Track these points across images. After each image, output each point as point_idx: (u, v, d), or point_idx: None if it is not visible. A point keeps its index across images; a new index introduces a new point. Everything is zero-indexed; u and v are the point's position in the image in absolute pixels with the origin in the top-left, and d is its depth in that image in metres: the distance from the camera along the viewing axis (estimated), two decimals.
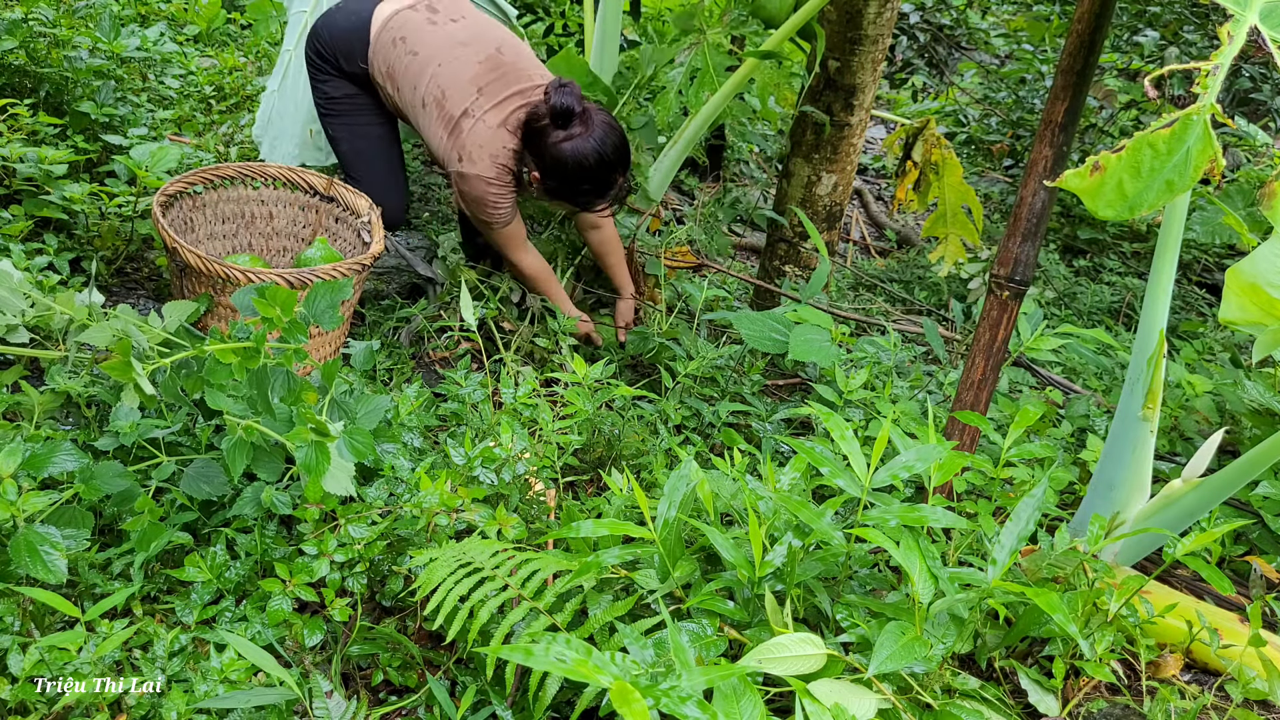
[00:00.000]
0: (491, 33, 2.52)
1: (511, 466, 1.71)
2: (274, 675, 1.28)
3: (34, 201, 2.52)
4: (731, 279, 3.57)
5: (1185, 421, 2.30)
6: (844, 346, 2.37)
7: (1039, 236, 1.63)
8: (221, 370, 1.49)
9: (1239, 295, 1.29)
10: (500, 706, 1.41)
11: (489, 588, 1.37)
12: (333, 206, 2.61)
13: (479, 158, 2.37)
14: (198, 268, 2.10)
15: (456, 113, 2.38)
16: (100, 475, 1.49)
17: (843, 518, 1.69)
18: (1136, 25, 4.70)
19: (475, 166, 2.37)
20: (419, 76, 2.43)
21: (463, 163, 2.38)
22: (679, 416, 2.22)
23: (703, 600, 1.33)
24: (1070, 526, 1.83)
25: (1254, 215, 3.50)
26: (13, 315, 1.86)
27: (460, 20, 2.52)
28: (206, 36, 4.55)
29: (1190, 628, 1.57)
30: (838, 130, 3.05)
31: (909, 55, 5.46)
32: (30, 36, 2.98)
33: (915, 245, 4.68)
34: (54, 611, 1.46)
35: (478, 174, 2.37)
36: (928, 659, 1.22)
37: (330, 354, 2.36)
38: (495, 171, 2.38)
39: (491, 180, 2.38)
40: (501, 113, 2.38)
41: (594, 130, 2.32)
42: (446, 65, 2.41)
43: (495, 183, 2.39)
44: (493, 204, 2.42)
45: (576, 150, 2.31)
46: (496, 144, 2.37)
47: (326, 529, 1.55)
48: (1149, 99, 4.54)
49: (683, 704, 0.97)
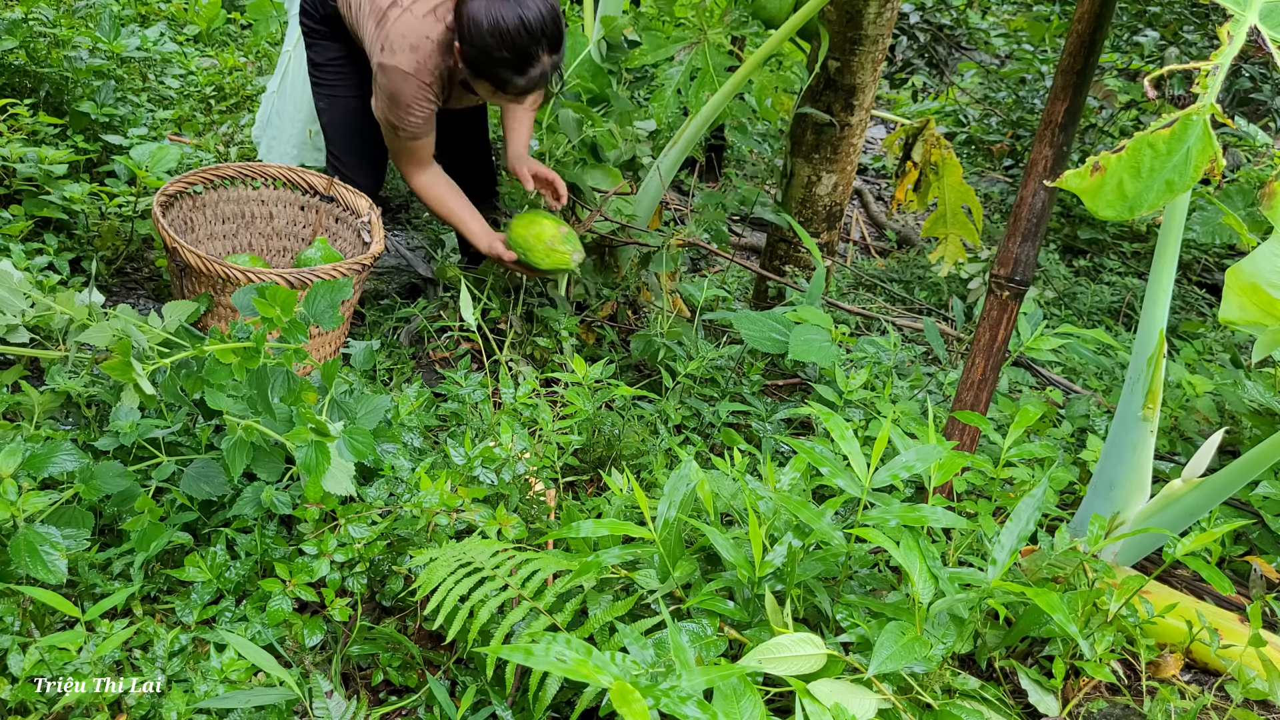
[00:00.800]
0: None
1: (511, 466, 1.71)
2: (274, 675, 1.28)
3: (34, 201, 2.52)
4: (731, 279, 3.57)
5: (1185, 421, 2.30)
6: (844, 346, 2.37)
7: (1039, 236, 1.63)
8: (221, 370, 1.49)
9: (1239, 295, 1.29)
10: (500, 706, 1.41)
11: (489, 588, 1.37)
12: (333, 206, 2.61)
13: (399, 47, 2.19)
14: (198, 268, 2.10)
15: (385, 3, 2.24)
16: (100, 475, 1.49)
17: (843, 518, 1.69)
18: (1136, 25, 4.70)
19: (394, 57, 2.19)
20: None
21: (383, 52, 2.21)
22: (679, 416, 2.22)
23: (703, 600, 1.33)
24: (1070, 526, 1.83)
25: (1254, 215, 3.50)
26: (13, 315, 1.86)
27: None
28: (206, 36, 4.55)
29: (1190, 628, 1.57)
30: (838, 130, 3.05)
31: (909, 55, 5.46)
32: (30, 36, 2.99)
33: (915, 245, 4.68)
34: (54, 611, 1.46)
35: (395, 64, 2.19)
36: (928, 659, 1.22)
37: (330, 354, 2.36)
38: (414, 64, 2.20)
39: (408, 75, 2.20)
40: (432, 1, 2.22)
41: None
42: None
43: (412, 79, 2.21)
44: (405, 105, 2.24)
45: (494, 10, 2.08)
46: (418, 32, 2.20)
47: (326, 529, 1.55)
48: (1149, 99, 4.53)
49: (683, 704, 0.97)
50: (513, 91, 2.19)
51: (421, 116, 2.28)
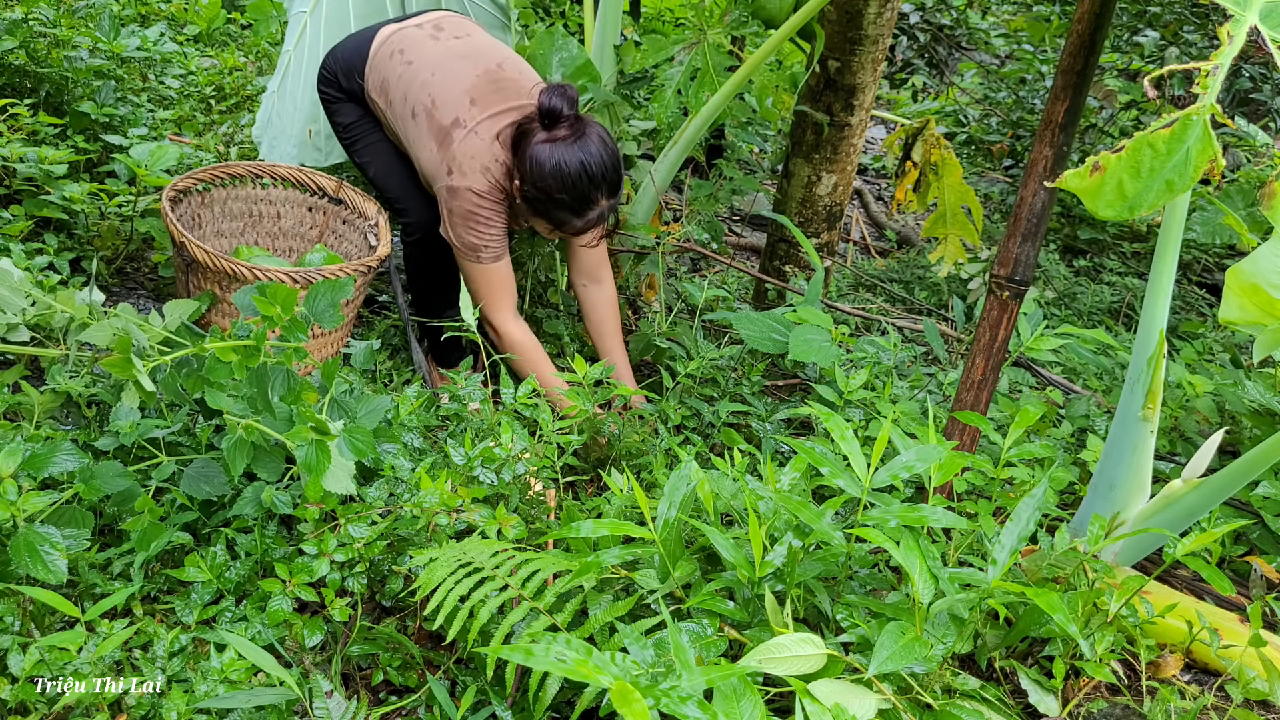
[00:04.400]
0: (495, 51, 2.40)
1: (511, 466, 1.71)
2: (274, 675, 1.28)
3: (34, 201, 2.52)
4: (731, 279, 3.57)
5: (1185, 421, 2.30)
6: (844, 347, 2.37)
7: (1039, 236, 1.63)
8: (222, 369, 1.49)
9: (1239, 295, 1.29)
10: (500, 706, 1.41)
11: (489, 588, 1.37)
12: (340, 208, 2.61)
13: (470, 169, 2.20)
14: (204, 263, 2.10)
15: (447, 122, 2.24)
16: (100, 475, 1.49)
17: (843, 518, 1.69)
18: (1136, 25, 4.70)
19: (465, 179, 2.20)
20: (410, 84, 2.30)
21: (452, 175, 2.21)
22: (679, 416, 2.22)
23: (703, 600, 1.33)
24: (1070, 526, 1.83)
25: (1254, 215, 3.50)
26: (13, 314, 1.86)
27: (464, 38, 2.41)
28: (206, 36, 4.56)
29: (1190, 628, 1.57)
30: (838, 130, 3.05)
31: (909, 55, 5.46)
32: (30, 36, 2.99)
33: (915, 245, 4.69)
34: (54, 611, 1.46)
35: (468, 186, 2.19)
36: (928, 659, 1.22)
37: (332, 355, 2.36)
38: (487, 185, 2.20)
39: (483, 194, 2.20)
40: (496, 125, 2.22)
41: (582, 139, 2.13)
42: (440, 74, 2.28)
43: (486, 198, 2.21)
44: (483, 223, 2.23)
45: (557, 154, 2.11)
46: (489, 156, 2.20)
47: (326, 529, 1.55)
48: (1149, 99, 4.53)
49: (683, 704, 0.97)
50: (569, 231, 2.24)
51: (499, 231, 2.26)
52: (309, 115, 2.87)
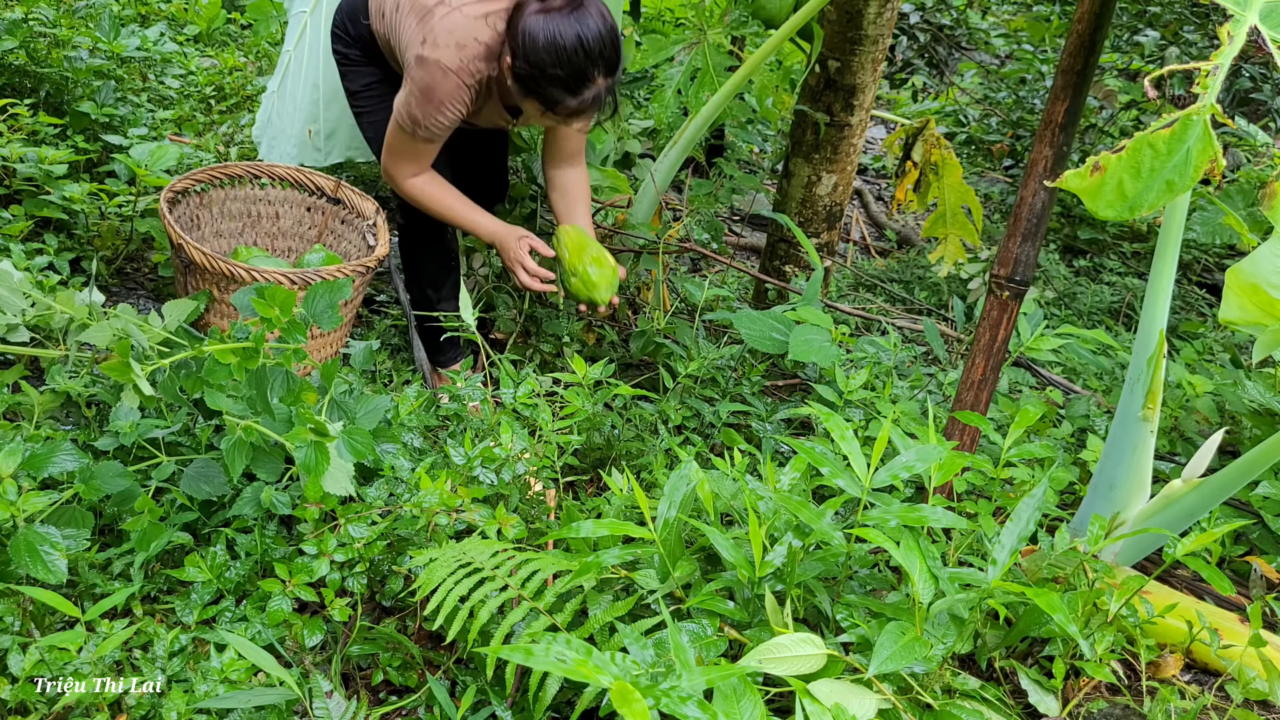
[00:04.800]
0: None
1: (511, 466, 1.71)
2: (274, 675, 1.28)
3: (34, 201, 2.52)
4: (731, 278, 3.57)
5: (1185, 421, 2.30)
6: (844, 346, 2.37)
7: (1039, 236, 1.63)
8: (221, 370, 1.49)
9: (1239, 295, 1.29)
10: (500, 706, 1.41)
11: (489, 588, 1.37)
12: (339, 208, 2.61)
13: (444, 42, 2.04)
14: (202, 264, 2.10)
15: (432, 2, 2.09)
16: (100, 475, 1.49)
17: (843, 518, 1.69)
18: (1136, 25, 4.70)
19: (436, 50, 2.04)
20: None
21: (425, 45, 2.05)
22: (679, 416, 2.22)
23: (703, 600, 1.33)
24: (1070, 526, 1.83)
25: (1254, 215, 3.50)
26: (13, 315, 1.86)
27: None
28: (206, 36, 4.56)
29: (1190, 628, 1.57)
30: (838, 130, 3.05)
31: (909, 55, 5.46)
32: (30, 36, 2.99)
33: (915, 245, 4.69)
34: (54, 611, 1.46)
35: (436, 59, 2.03)
36: (928, 659, 1.22)
37: (331, 355, 2.36)
38: (457, 63, 2.04)
39: (449, 71, 2.04)
40: (484, 7, 2.07)
41: (579, 10, 1.97)
42: None
43: (453, 76, 2.05)
44: (438, 103, 2.08)
45: (551, 26, 1.95)
46: (468, 32, 2.05)
47: (326, 529, 1.55)
48: (1149, 99, 4.53)
49: (683, 704, 0.97)
50: (562, 112, 2.08)
51: (449, 119, 2.14)
52: (309, 115, 2.87)
